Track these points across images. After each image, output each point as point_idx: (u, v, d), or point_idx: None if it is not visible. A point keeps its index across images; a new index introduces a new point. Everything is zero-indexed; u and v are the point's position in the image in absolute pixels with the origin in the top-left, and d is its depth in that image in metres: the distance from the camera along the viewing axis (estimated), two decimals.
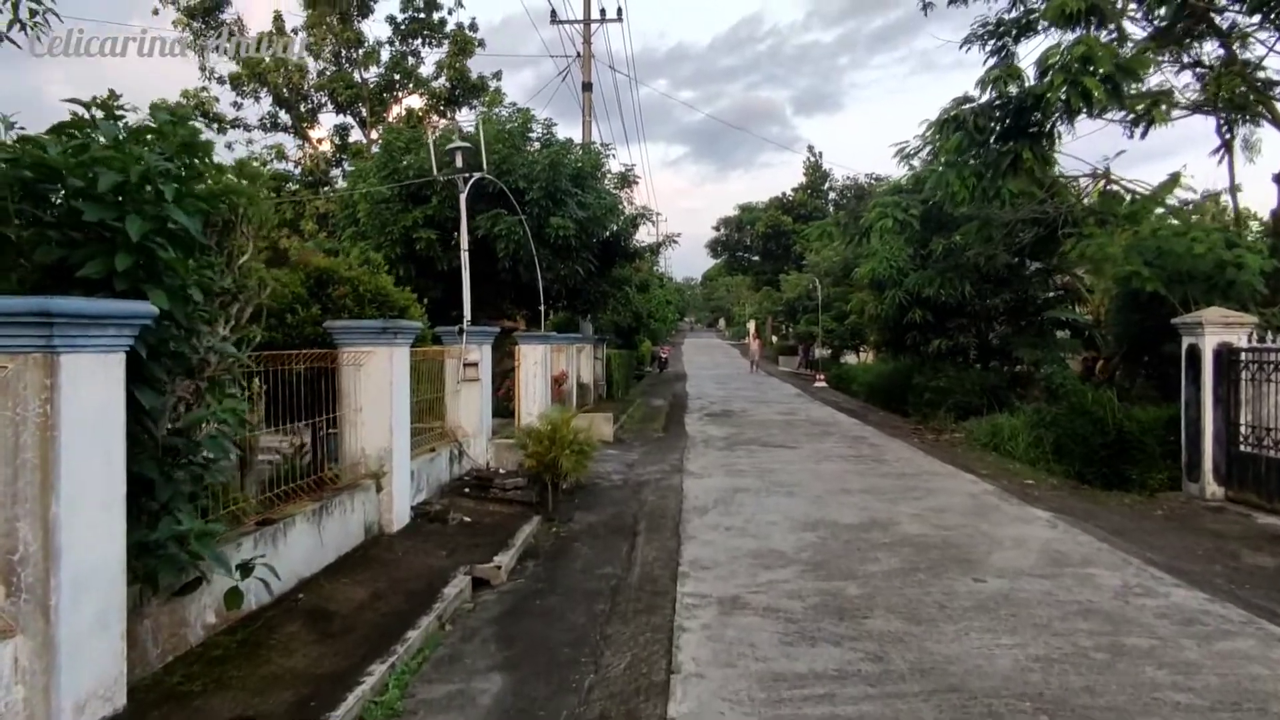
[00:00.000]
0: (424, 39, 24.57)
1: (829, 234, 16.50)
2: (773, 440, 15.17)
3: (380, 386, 7.57)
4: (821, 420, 19.14)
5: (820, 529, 8.07)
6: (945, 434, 17.08)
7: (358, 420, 7.58)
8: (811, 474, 11.39)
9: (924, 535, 7.71)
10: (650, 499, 9.90)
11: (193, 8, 21.98)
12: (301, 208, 22.84)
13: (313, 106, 24.38)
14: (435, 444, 9.90)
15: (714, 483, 10.75)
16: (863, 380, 27.79)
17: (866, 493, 9.93)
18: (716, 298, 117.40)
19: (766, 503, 9.41)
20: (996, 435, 14.76)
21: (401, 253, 16.98)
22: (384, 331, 7.52)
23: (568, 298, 20.69)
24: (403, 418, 7.88)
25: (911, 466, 12.07)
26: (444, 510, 8.53)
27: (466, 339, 10.83)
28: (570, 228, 16.59)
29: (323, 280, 8.90)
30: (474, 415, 10.98)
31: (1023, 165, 9.70)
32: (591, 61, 27.25)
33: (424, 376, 9.91)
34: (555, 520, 8.80)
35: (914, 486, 10.36)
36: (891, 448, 14.30)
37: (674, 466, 12.16)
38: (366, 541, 7.18)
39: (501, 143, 17.11)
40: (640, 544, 7.84)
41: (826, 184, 59.42)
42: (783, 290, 44.23)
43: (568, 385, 18.50)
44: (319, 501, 6.48)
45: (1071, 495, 10.47)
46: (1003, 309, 19.75)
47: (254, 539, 5.37)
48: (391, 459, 7.62)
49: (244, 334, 6.29)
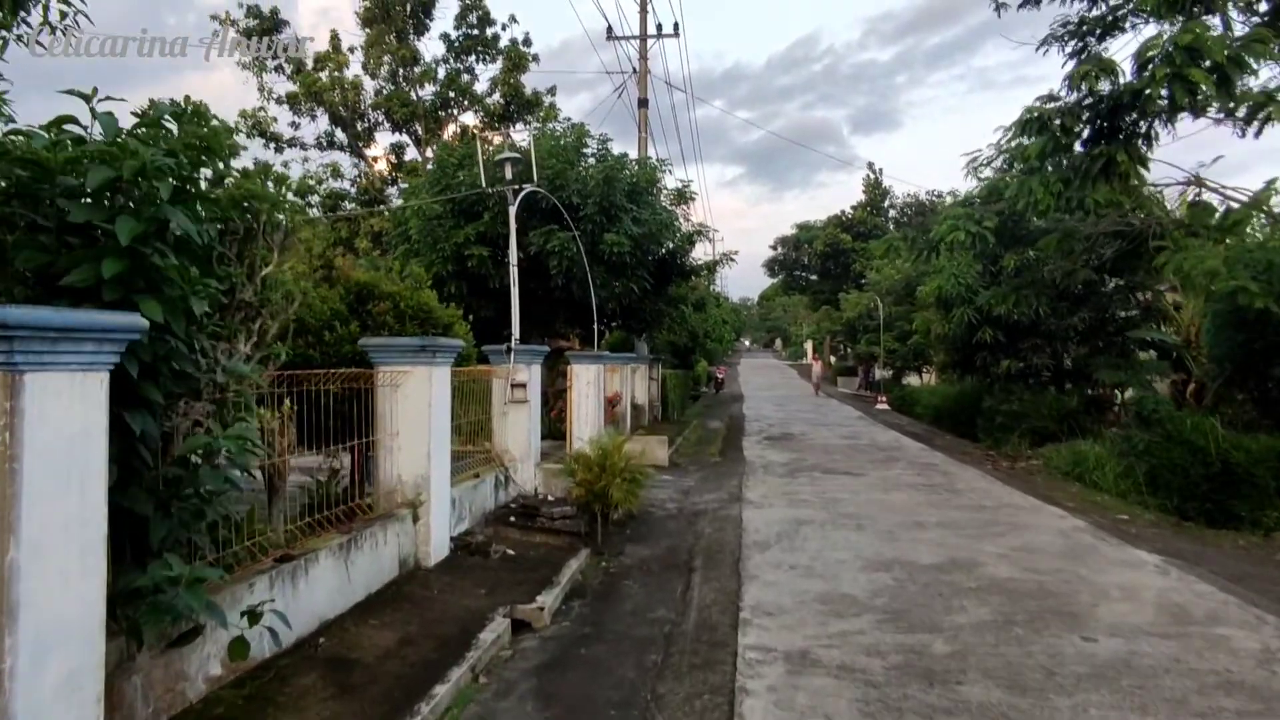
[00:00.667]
0: (478, 55, 24.49)
1: (895, 249, 15.65)
2: (836, 466, 14.34)
3: (418, 409, 7.07)
4: (886, 445, 18.19)
5: (895, 569, 7.29)
6: (1020, 461, 16.02)
7: (394, 445, 7.08)
8: (880, 505, 10.57)
9: (1015, 580, 6.87)
10: (707, 531, 9.22)
11: (250, 29, 22.24)
12: (357, 226, 22.83)
13: (369, 125, 24.46)
14: (480, 469, 9.38)
15: (775, 513, 10.01)
16: (927, 403, 26.66)
17: (943, 527, 9.09)
18: (773, 318, 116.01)
19: (833, 537, 8.64)
20: (1079, 464, 13.72)
21: (453, 270, 16.67)
22: (423, 350, 7.03)
23: (622, 316, 20.19)
24: (442, 442, 7.37)
25: (989, 498, 11.15)
26: (486, 542, 7.98)
27: (514, 358, 10.33)
28: (625, 244, 16.07)
29: (363, 296, 8.49)
30: (522, 439, 10.45)
31: (1116, 170, 8.82)
32: (648, 78, 26.96)
33: (469, 398, 9.43)
34: (605, 554, 8.18)
35: (995, 521, 9.48)
36: (964, 476, 13.35)
37: (732, 495, 11.45)
38: (400, 577, 6.65)
39: (555, 158, 16.71)
40: (696, 583, 7.16)
41: (886, 201, 58.14)
42: (842, 309, 43.10)
43: (621, 406, 17.93)
44: (348, 534, 5.97)
45: (1175, 534, 9.47)
46: (1080, 328, 18.61)
47: (270, 578, 4.86)
48: (429, 487, 7.10)
49: (270, 351, 5.85)
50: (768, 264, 68.93)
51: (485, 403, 10.10)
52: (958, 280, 19.29)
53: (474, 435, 10.00)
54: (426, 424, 7.09)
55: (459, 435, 9.76)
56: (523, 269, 17.19)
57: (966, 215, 12.20)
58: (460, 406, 9.28)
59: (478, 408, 9.97)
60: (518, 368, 10.37)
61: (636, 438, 16.24)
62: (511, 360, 10.30)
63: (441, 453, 7.35)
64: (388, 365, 7.04)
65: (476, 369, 9.51)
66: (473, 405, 9.88)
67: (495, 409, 10.27)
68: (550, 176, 16.23)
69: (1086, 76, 8.24)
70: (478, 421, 9.92)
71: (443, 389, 7.35)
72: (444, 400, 7.41)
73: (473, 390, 9.50)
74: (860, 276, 46.95)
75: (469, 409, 9.79)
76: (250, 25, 22.69)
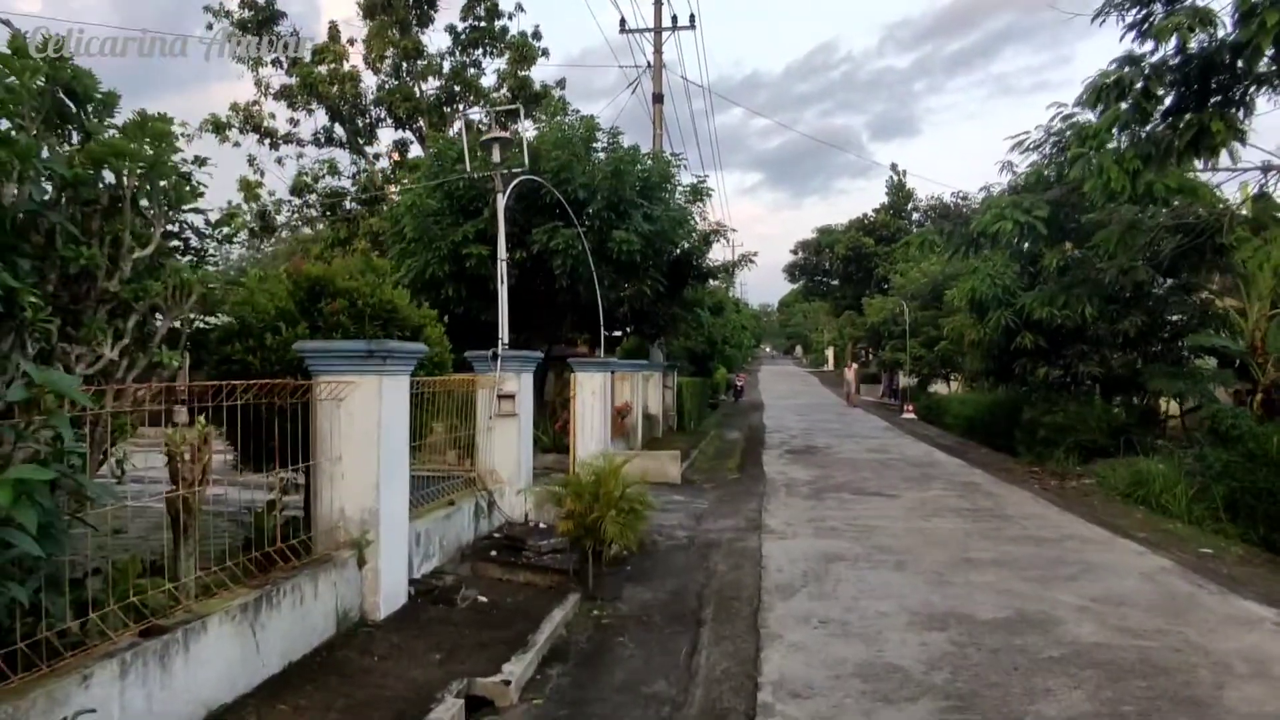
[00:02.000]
0: (485, 49, 23.30)
1: (930, 243, 14.25)
2: (867, 486, 12.92)
3: (366, 427, 5.79)
4: (919, 460, 16.72)
5: (951, 626, 5.92)
6: (1070, 480, 14.53)
7: (336, 472, 5.81)
8: (921, 535, 9.17)
9: (1108, 647, 5.47)
10: (721, 568, 7.87)
11: (246, 21, 21.18)
12: (356, 225, 21.69)
13: (371, 122, 23.33)
14: (457, 494, 8.10)
15: (800, 546, 8.65)
16: (958, 412, 25.11)
17: (1001, 566, 7.69)
18: (793, 324, 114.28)
19: (871, 579, 7.27)
20: (1142, 485, 12.22)
21: (450, 270, 15.43)
22: (370, 355, 5.75)
23: (634, 321, 18.90)
24: (396, 468, 6.09)
25: (1047, 526, 9.72)
26: (456, 584, 6.69)
27: (501, 365, 9.06)
28: (635, 242, 14.75)
29: (316, 292, 7.25)
30: (510, 457, 9.17)
31: (1208, 143, 7.41)
32: (663, 72, 25.69)
33: (445, 411, 8.17)
34: (598, 598, 6.85)
35: (1061, 558, 8.06)
36: (1012, 498, 11.91)
37: (750, 521, 10.08)
38: (336, 638, 5.36)
39: (561, 149, 15.43)
40: (705, 642, 5.82)
41: (910, 204, 56.54)
42: (866, 314, 41.56)
43: (632, 417, 16.63)
44: (260, 589, 4.69)
45: (1274, 574, 8.01)
46: (1132, 334, 17.08)
47: (120, 664, 3.58)
48: (379, 522, 5.81)
49: (158, 359, 4.58)
50: (788, 269, 67.51)
51: (468, 417, 8.84)
52: (994, 281, 17.83)
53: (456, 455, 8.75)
54: (376, 445, 5.81)
55: (434, 454, 8.52)
56: (526, 269, 15.96)
57: (1014, 204, 10.82)
58: (435, 421, 8.02)
59: (461, 422, 8.72)
60: (505, 376, 9.09)
61: (646, 452, 14.92)
62: (498, 368, 9.02)
63: (395, 480, 6.07)
64: (328, 374, 5.78)
65: (456, 378, 8.24)
66: (452, 420, 8.63)
67: (480, 424, 8.98)
68: (555, 169, 14.98)
69: (1179, 29, 6.85)
70: (458, 438, 8.66)
71: (397, 403, 6.07)
72: (399, 416, 6.12)
73: (451, 403, 8.24)
74: (884, 281, 45.44)
75: (448, 424, 8.54)
76: (246, 17, 21.65)
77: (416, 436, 7.44)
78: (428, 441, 8.04)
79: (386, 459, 5.89)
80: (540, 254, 14.94)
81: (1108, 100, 7.63)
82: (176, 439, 4.81)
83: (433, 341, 7.80)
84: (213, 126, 20.31)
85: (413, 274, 15.34)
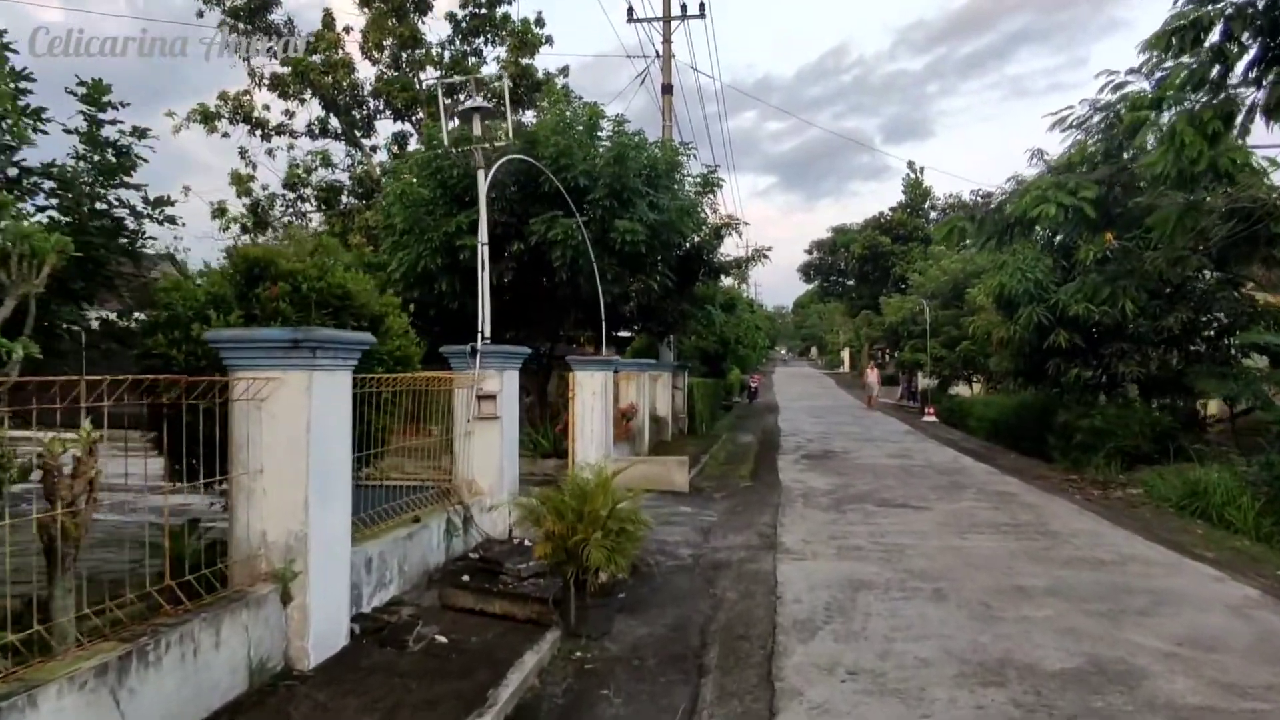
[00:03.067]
0: (486, 37, 22.33)
1: (960, 231, 13.06)
2: (892, 496, 11.78)
3: (292, 434, 4.75)
4: (946, 466, 15.54)
5: (1011, 679, 4.81)
6: (1113, 489, 13.34)
7: (255, 488, 4.77)
8: (959, 555, 8.05)
9: (1214, 712, 4.35)
10: (729, 596, 6.79)
11: (238, 8, 20.27)
12: (351, 219, 20.74)
13: (368, 113, 22.38)
14: (425, 510, 7.05)
15: (821, 569, 7.54)
16: (982, 415, 23.86)
17: (1057, 597, 6.56)
18: (808, 326, 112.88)
19: (906, 613, 6.16)
20: (1198, 496, 11.04)
21: (443, 263, 14.41)
22: (295, 346, 4.70)
23: (641, 318, 17.81)
24: (334, 482, 5.04)
25: (1101, 545, 8.56)
26: (411, 621, 5.63)
27: (481, 361, 8.02)
28: (640, 232, 13.67)
29: (255, 276, 6.25)
30: (491, 465, 8.13)
31: None
32: (671, 62, 24.66)
33: (413, 413, 7.14)
34: (582, 636, 5.79)
35: (1126, 586, 6.91)
36: (1055, 511, 10.74)
37: (764, 538, 8.98)
38: (246, 695, 4.32)
39: (560, 135, 14.36)
40: (707, 699, 4.74)
41: (928, 202, 55.19)
42: (884, 314, 40.27)
43: (637, 420, 15.55)
44: (129, 644, 3.65)
45: None
46: (1176, 331, 15.84)
47: None
48: (309, 549, 4.77)
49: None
50: (803, 268, 66.24)
51: (443, 419, 7.81)
52: (1024, 275, 16.64)
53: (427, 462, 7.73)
54: (305, 455, 4.76)
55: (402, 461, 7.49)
56: (524, 263, 14.90)
57: (1057, 184, 9.68)
58: (397, 425, 6.98)
59: (435, 427, 7.69)
60: (485, 374, 8.05)
61: (652, 458, 13.85)
62: (476, 365, 7.98)
63: (333, 497, 5.02)
64: (247, 370, 4.75)
65: (421, 375, 7.19)
66: (425, 423, 7.61)
67: (457, 428, 7.95)
68: (554, 155, 13.94)
69: None
70: (433, 445, 7.63)
71: (332, 404, 5.02)
72: (336, 420, 5.07)
73: (421, 404, 7.21)
74: (901, 280, 44.15)
75: (418, 429, 7.51)
76: (239, 4, 20.75)
77: (375, 444, 6.43)
78: (392, 448, 7.01)
79: (319, 471, 4.84)
80: (539, 245, 13.90)
81: (1181, 43, 6.47)
82: (55, 449, 3.84)
83: (395, 333, 6.79)
84: (201, 117, 19.40)
85: (404, 267, 14.36)
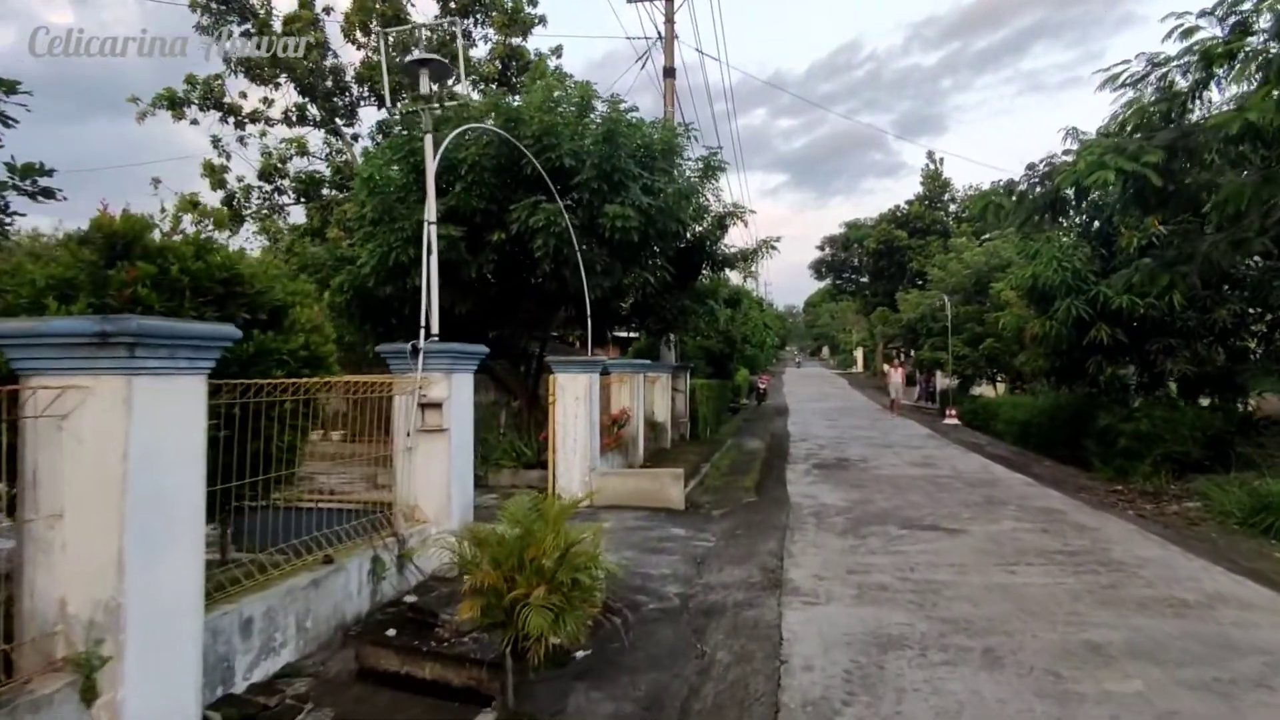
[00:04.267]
0: (476, 18, 21.01)
1: (997, 206, 11.56)
2: (919, 515, 10.32)
3: (104, 465, 3.40)
4: (976, 477, 14.05)
5: None
6: (1167, 502, 11.84)
7: (52, 540, 3.42)
8: (1009, 597, 6.60)
9: None
10: (721, 656, 5.38)
11: None
12: (330, 211, 19.45)
13: (351, 100, 21.10)
14: (342, 548, 5.69)
15: (838, 619, 6.12)
16: (1010, 418, 22.33)
17: (1142, 658, 5.13)
18: (820, 325, 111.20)
19: (951, 687, 4.74)
20: (1270, 511, 9.58)
21: (415, 254, 13.05)
22: (105, 341, 3.34)
23: (637, 315, 16.45)
24: (172, 529, 3.66)
25: (1178, 580, 7.10)
26: (295, 704, 4.28)
27: (425, 362, 6.65)
28: (632, 218, 12.29)
29: (117, 255, 4.91)
30: (437, 486, 6.76)
31: None
32: (675, 44, 23.27)
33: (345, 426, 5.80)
34: (524, 717, 4.41)
35: (1226, 641, 5.47)
36: (1111, 533, 9.26)
37: (767, 572, 7.55)
38: None
39: (546, 113, 12.98)
40: None
41: (946, 194, 53.49)
42: (901, 311, 38.68)
43: (631, 427, 14.17)
44: None
45: None
46: (1230, 324, 14.36)
47: None
48: (123, 625, 3.41)
49: None
50: (815, 265, 64.49)
51: (381, 431, 6.46)
52: (1061, 265, 15.18)
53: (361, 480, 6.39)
54: (121, 494, 3.40)
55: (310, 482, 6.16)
56: (506, 254, 13.51)
57: (1116, 148, 8.23)
58: (302, 442, 5.63)
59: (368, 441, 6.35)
60: (430, 377, 6.69)
61: (644, 470, 12.46)
62: (419, 365, 6.62)
63: (168, 549, 3.65)
64: (41, 375, 3.41)
65: (354, 378, 5.83)
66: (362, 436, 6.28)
67: (397, 442, 6.59)
68: (536, 133, 12.59)
69: None
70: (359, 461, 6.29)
71: (169, 422, 3.64)
72: (176, 444, 3.69)
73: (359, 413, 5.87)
74: (919, 275, 42.51)
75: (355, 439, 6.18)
76: None
77: (278, 466, 5.11)
78: (301, 472, 5.66)
79: (144, 514, 3.48)
80: (521, 235, 12.54)
81: None
82: None
83: (303, 327, 5.44)
84: (167, 102, 18.11)
85: (375, 259, 13.05)
